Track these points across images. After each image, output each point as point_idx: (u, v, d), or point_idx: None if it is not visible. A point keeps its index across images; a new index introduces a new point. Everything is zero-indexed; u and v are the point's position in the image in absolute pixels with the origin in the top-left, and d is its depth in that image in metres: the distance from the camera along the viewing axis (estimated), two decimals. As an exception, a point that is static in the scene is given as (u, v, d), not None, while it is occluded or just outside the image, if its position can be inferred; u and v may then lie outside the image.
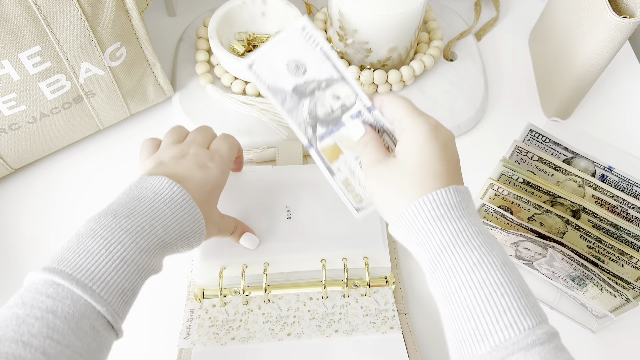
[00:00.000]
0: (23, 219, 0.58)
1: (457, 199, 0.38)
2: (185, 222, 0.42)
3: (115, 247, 0.37)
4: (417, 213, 0.38)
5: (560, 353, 0.33)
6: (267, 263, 0.52)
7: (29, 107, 0.51)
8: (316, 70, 0.43)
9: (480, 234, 0.37)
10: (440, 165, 0.39)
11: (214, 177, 0.44)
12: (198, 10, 0.72)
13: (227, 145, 0.48)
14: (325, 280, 0.51)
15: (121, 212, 0.39)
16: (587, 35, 0.55)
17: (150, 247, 0.39)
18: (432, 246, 0.37)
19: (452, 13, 0.72)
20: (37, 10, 0.46)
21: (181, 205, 0.41)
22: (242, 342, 0.50)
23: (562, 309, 0.54)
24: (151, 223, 0.39)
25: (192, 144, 0.46)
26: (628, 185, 0.51)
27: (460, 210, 0.38)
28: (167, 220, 0.40)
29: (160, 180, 0.42)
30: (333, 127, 0.44)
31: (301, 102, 0.44)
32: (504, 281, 0.35)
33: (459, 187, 0.39)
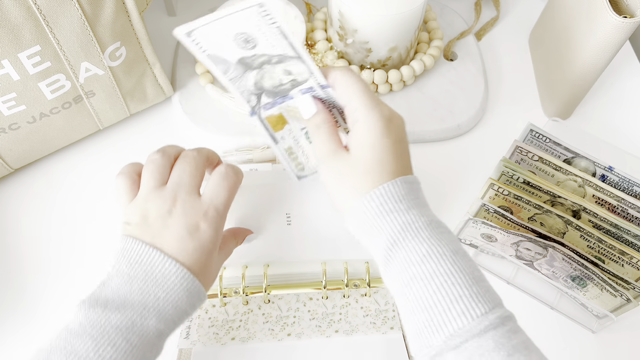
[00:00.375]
0: (23, 219, 0.58)
1: (404, 191, 0.38)
2: (182, 301, 0.38)
3: (104, 348, 0.35)
4: (367, 208, 0.38)
5: (514, 335, 0.34)
6: (268, 265, 0.52)
7: (28, 107, 0.51)
8: (268, 46, 0.40)
9: (430, 225, 0.37)
10: (394, 162, 0.38)
11: (208, 241, 0.40)
12: (198, 10, 0.71)
13: (225, 191, 0.41)
14: (325, 280, 0.51)
15: (112, 302, 0.37)
16: (588, 35, 0.55)
17: (143, 342, 0.36)
18: (384, 240, 0.37)
19: (452, 13, 0.72)
20: (37, 10, 0.46)
21: (176, 284, 0.38)
22: (242, 342, 0.50)
23: (563, 309, 0.54)
24: (143, 314, 0.37)
25: (179, 191, 0.40)
26: (628, 185, 0.51)
27: (408, 202, 0.38)
28: (162, 306, 0.37)
29: (150, 255, 0.38)
30: (280, 98, 0.42)
31: (247, 73, 0.41)
32: (454, 270, 0.35)
33: (407, 178, 0.38)
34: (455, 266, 0.35)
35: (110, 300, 0.37)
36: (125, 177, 0.41)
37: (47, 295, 0.54)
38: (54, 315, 0.53)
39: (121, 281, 0.37)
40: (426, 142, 0.64)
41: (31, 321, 0.52)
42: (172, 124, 0.64)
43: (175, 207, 0.39)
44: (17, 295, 0.54)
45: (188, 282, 0.38)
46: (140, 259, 0.38)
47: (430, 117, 0.63)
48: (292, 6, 0.63)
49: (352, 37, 0.60)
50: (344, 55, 0.63)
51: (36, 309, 0.53)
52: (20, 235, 0.57)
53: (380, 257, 0.38)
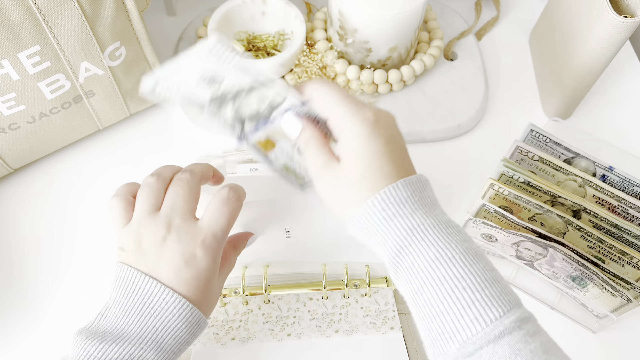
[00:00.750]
0: (23, 220, 0.58)
1: (407, 193, 0.36)
2: (182, 331, 0.37)
3: None
4: (368, 215, 0.36)
5: (532, 338, 0.32)
6: (267, 265, 0.52)
7: (28, 106, 0.51)
8: (235, 79, 0.41)
9: (437, 225, 0.35)
10: (388, 164, 0.36)
11: (206, 270, 0.38)
12: (198, 10, 0.71)
13: (225, 216, 0.40)
14: (325, 281, 0.51)
15: (109, 334, 0.36)
16: (588, 35, 0.55)
17: None
18: (390, 247, 0.36)
19: (453, 13, 0.72)
20: (36, 10, 0.46)
21: (174, 315, 0.37)
22: (242, 343, 0.50)
23: (563, 309, 0.54)
24: (141, 347, 0.36)
25: (173, 217, 0.39)
26: (629, 185, 0.51)
27: (412, 204, 0.36)
28: (160, 338, 0.37)
29: (147, 285, 0.37)
30: (263, 121, 0.42)
31: (222, 107, 0.41)
32: (464, 274, 0.33)
33: (409, 179, 0.36)
34: (465, 269, 0.34)
35: (107, 332, 0.36)
36: (120, 199, 0.40)
37: (48, 295, 0.54)
38: (55, 316, 0.53)
39: (118, 312, 0.37)
40: (426, 142, 0.64)
41: (33, 321, 0.52)
42: (172, 124, 0.64)
43: (170, 234, 0.38)
44: (18, 296, 0.54)
45: (187, 312, 0.37)
46: (137, 289, 0.37)
47: (430, 117, 0.63)
48: (292, 6, 0.63)
49: (352, 37, 0.60)
50: (344, 55, 0.63)
51: (37, 309, 0.53)
52: (21, 236, 0.57)
53: (388, 263, 0.36)
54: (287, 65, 0.62)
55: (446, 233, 0.35)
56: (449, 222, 0.36)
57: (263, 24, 0.66)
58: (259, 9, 0.65)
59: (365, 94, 0.64)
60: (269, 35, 0.66)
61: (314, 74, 0.61)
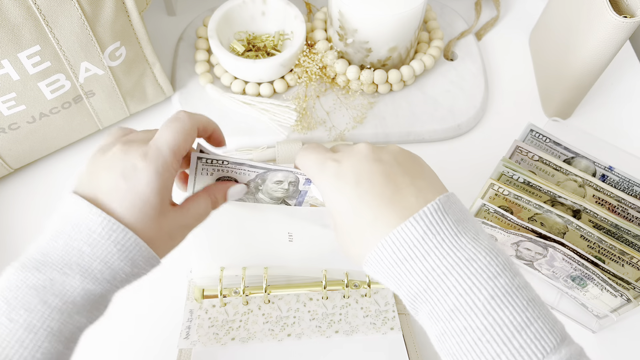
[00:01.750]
0: (23, 219, 0.58)
1: (419, 233, 0.31)
2: (113, 257, 0.33)
3: (17, 312, 0.30)
4: (377, 264, 0.33)
5: None
6: (267, 267, 0.52)
7: (28, 106, 0.51)
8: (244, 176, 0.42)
9: (457, 264, 0.30)
10: (367, 207, 0.33)
11: (145, 184, 0.33)
12: (198, 10, 0.71)
13: (170, 131, 0.35)
14: (325, 281, 0.51)
15: (33, 260, 0.32)
16: (588, 35, 0.55)
17: (66, 304, 0.31)
18: (404, 294, 0.32)
19: (453, 13, 0.72)
20: (36, 10, 0.46)
21: (102, 237, 0.32)
22: (242, 343, 0.50)
23: (563, 309, 0.54)
24: (63, 271, 0.32)
25: (136, 137, 0.36)
26: (628, 185, 0.51)
27: (425, 244, 0.31)
28: (87, 262, 0.32)
29: (79, 206, 0.33)
30: (300, 197, 0.45)
31: (257, 195, 0.44)
32: (488, 324, 0.29)
33: (419, 216, 0.32)
34: (490, 317, 0.29)
35: (32, 258, 0.32)
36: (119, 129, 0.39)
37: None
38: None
39: (48, 238, 0.33)
40: (426, 142, 0.64)
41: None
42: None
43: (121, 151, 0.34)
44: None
45: (117, 234, 0.33)
46: (70, 212, 0.33)
47: (430, 117, 0.63)
48: (292, 6, 0.63)
49: (352, 37, 0.60)
50: (344, 55, 0.63)
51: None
52: (21, 236, 0.57)
53: (407, 305, 0.33)
54: (287, 65, 0.62)
55: (470, 272, 0.30)
56: (476, 253, 0.31)
57: (263, 24, 0.66)
58: (259, 9, 0.65)
59: (365, 94, 0.64)
60: (269, 35, 0.66)
61: (314, 74, 0.62)
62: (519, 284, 0.31)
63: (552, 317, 0.30)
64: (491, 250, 0.31)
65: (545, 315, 0.30)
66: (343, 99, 0.64)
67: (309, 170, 0.37)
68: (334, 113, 0.63)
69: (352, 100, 0.64)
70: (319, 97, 0.64)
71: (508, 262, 0.32)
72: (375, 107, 0.64)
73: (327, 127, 0.62)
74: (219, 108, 0.63)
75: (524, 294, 0.30)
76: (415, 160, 0.37)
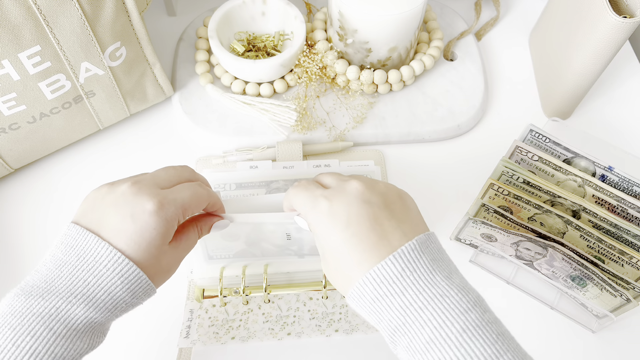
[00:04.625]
0: (23, 219, 0.58)
1: (396, 269, 0.34)
2: (117, 289, 0.35)
3: (23, 338, 0.32)
4: (358, 300, 0.35)
5: None
6: (267, 264, 0.52)
7: (28, 107, 0.51)
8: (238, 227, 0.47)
9: (433, 300, 0.33)
10: (354, 249, 0.35)
11: (152, 228, 0.36)
12: (198, 10, 0.72)
13: (189, 191, 0.39)
14: (325, 280, 0.51)
15: (37, 288, 0.34)
16: (587, 35, 0.55)
17: (70, 330, 0.33)
18: (384, 327, 0.34)
19: (452, 13, 0.72)
20: (37, 10, 0.46)
21: (109, 269, 0.35)
22: (242, 342, 0.50)
23: (562, 309, 0.54)
24: (69, 300, 0.34)
25: (145, 179, 0.38)
26: (628, 185, 0.51)
27: (404, 280, 0.34)
28: (92, 292, 0.34)
29: (85, 238, 0.35)
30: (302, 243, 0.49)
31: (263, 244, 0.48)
32: (460, 356, 0.31)
33: (396, 255, 0.34)
34: (462, 349, 0.31)
35: (36, 287, 0.34)
36: None
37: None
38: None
39: (52, 266, 0.35)
40: (426, 142, 0.64)
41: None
42: (172, 124, 0.64)
43: (131, 192, 0.37)
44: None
45: (122, 267, 0.35)
46: (75, 244, 0.35)
47: (430, 117, 0.63)
48: (292, 6, 0.63)
49: (352, 37, 0.60)
50: (344, 55, 0.63)
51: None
52: (21, 236, 0.57)
53: (386, 340, 0.35)
54: (287, 66, 0.62)
55: (443, 307, 0.32)
56: (449, 290, 0.33)
57: (263, 24, 0.66)
58: (259, 9, 0.65)
59: (365, 94, 0.64)
60: (269, 36, 0.66)
61: (314, 74, 0.62)
62: (489, 319, 0.33)
63: (521, 351, 0.33)
64: (462, 288, 0.34)
65: (514, 348, 0.32)
66: (343, 99, 0.64)
67: (301, 207, 0.39)
68: (334, 113, 0.63)
69: (352, 100, 0.64)
70: (319, 97, 0.64)
71: (479, 300, 0.34)
72: (375, 107, 0.64)
73: (327, 127, 0.62)
74: (219, 108, 0.63)
75: (494, 328, 0.32)
76: (403, 201, 0.39)
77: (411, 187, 0.61)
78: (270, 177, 0.55)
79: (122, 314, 0.37)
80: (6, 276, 0.55)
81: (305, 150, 0.61)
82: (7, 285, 0.54)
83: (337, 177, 0.40)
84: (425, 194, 0.60)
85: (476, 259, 0.57)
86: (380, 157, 0.62)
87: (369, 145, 0.63)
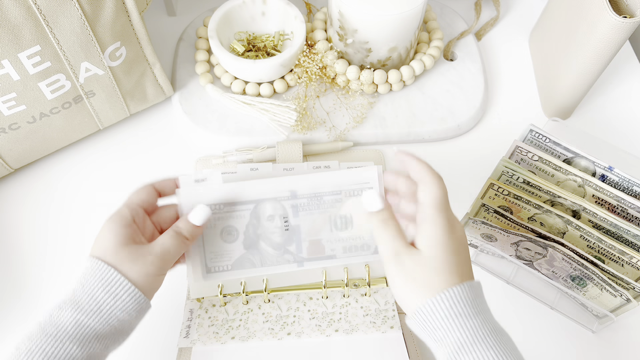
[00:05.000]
0: (23, 219, 0.58)
1: (471, 296, 0.39)
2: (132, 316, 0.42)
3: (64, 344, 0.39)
4: (435, 310, 0.38)
5: None
6: (267, 279, 0.51)
7: (28, 107, 0.51)
8: (242, 220, 0.49)
9: (494, 332, 0.38)
10: (460, 264, 0.40)
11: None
12: (198, 10, 0.72)
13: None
14: (325, 280, 0.51)
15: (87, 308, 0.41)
16: (587, 35, 0.55)
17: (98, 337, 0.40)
18: (450, 343, 0.38)
19: (452, 13, 0.72)
20: (36, 10, 0.46)
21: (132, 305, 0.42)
22: (241, 342, 0.50)
23: (562, 309, 0.54)
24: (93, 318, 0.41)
25: None
26: (628, 185, 0.51)
27: (474, 307, 0.38)
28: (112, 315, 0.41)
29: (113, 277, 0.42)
30: (295, 237, 0.50)
31: (259, 248, 0.49)
32: None
33: (472, 283, 0.40)
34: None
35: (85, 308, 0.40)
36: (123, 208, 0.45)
37: (48, 295, 0.54)
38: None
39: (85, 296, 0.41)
40: (426, 142, 0.64)
41: (29, 320, 0.52)
42: (172, 124, 0.64)
43: None
44: (18, 296, 0.54)
45: (141, 304, 0.42)
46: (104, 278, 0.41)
47: (430, 117, 0.63)
48: (292, 6, 0.63)
49: (352, 37, 0.60)
50: (344, 55, 0.63)
51: (36, 309, 0.53)
52: (20, 236, 0.57)
53: (444, 358, 0.38)
54: (287, 66, 0.62)
55: (502, 340, 0.38)
56: (502, 330, 0.39)
57: (263, 24, 0.66)
58: (259, 9, 0.65)
59: (365, 94, 0.64)
60: (269, 36, 0.66)
61: (314, 74, 0.62)
62: None
63: None
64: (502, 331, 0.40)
65: None
66: (343, 99, 0.64)
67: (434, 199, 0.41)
68: (334, 113, 0.63)
69: (352, 100, 0.64)
70: (319, 97, 0.64)
71: None
72: (375, 107, 0.64)
73: (327, 127, 0.62)
74: (219, 108, 0.63)
75: None
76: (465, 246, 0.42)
77: (411, 187, 0.61)
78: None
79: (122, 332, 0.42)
80: (6, 276, 0.55)
81: (305, 150, 0.61)
82: (7, 285, 0.54)
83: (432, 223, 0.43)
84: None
85: (476, 259, 0.57)
86: (380, 157, 0.62)
87: (369, 145, 0.63)
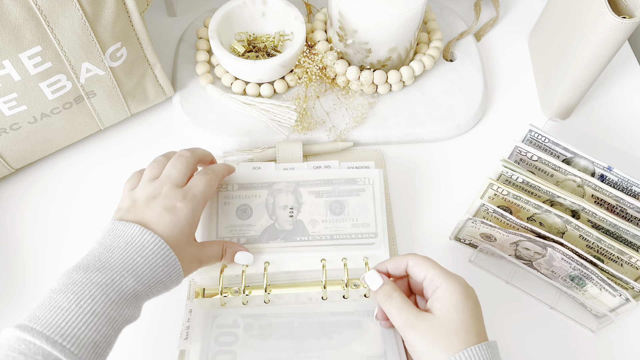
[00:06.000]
0: (23, 219, 0.58)
1: (489, 355, 0.40)
2: (159, 268, 0.43)
3: (85, 301, 0.39)
4: None
5: None
6: (268, 262, 0.52)
7: (29, 107, 0.51)
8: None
9: None
10: (476, 324, 0.41)
11: (182, 218, 0.45)
12: (198, 11, 0.72)
13: (203, 183, 0.48)
14: (325, 280, 0.51)
15: (93, 266, 0.41)
16: (587, 35, 0.55)
17: (121, 298, 0.40)
18: None
19: (452, 13, 0.72)
20: (37, 10, 0.46)
21: (153, 251, 0.43)
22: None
23: (562, 308, 0.55)
24: (122, 274, 0.41)
25: (165, 182, 0.47)
26: (627, 185, 0.51)
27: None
28: (139, 270, 0.42)
29: (132, 229, 0.43)
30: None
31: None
32: None
33: (490, 343, 0.41)
34: None
35: (91, 264, 0.41)
36: (136, 173, 0.49)
37: (48, 294, 0.54)
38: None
39: (103, 250, 0.42)
40: (426, 142, 0.64)
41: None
42: (173, 124, 0.64)
43: (160, 194, 0.46)
44: (18, 296, 0.54)
45: (164, 251, 0.43)
46: (123, 233, 0.43)
47: (430, 118, 0.63)
48: (292, 7, 0.63)
49: (352, 37, 0.60)
50: (344, 55, 0.64)
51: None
52: (21, 236, 0.57)
53: None
54: (287, 66, 0.62)
55: None
56: None
57: (263, 25, 0.66)
58: (259, 10, 0.65)
59: (365, 94, 0.64)
60: (269, 36, 0.66)
61: (314, 75, 0.62)
62: None
63: None
64: None
65: None
66: (343, 99, 0.64)
67: (436, 269, 0.44)
68: (334, 113, 0.63)
69: (352, 100, 0.64)
70: (319, 98, 0.64)
71: None
72: (375, 107, 0.64)
73: (327, 128, 0.62)
74: (219, 108, 0.63)
75: None
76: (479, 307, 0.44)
77: (411, 187, 0.61)
78: (273, 178, 0.55)
79: (155, 294, 0.44)
80: (6, 276, 0.55)
81: (305, 151, 0.61)
82: (7, 285, 0.54)
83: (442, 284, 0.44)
84: (425, 194, 0.60)
85: (475, 258, 0.57)
86: (380, 157, 0.62)
87: (369, 145, 0.63)
